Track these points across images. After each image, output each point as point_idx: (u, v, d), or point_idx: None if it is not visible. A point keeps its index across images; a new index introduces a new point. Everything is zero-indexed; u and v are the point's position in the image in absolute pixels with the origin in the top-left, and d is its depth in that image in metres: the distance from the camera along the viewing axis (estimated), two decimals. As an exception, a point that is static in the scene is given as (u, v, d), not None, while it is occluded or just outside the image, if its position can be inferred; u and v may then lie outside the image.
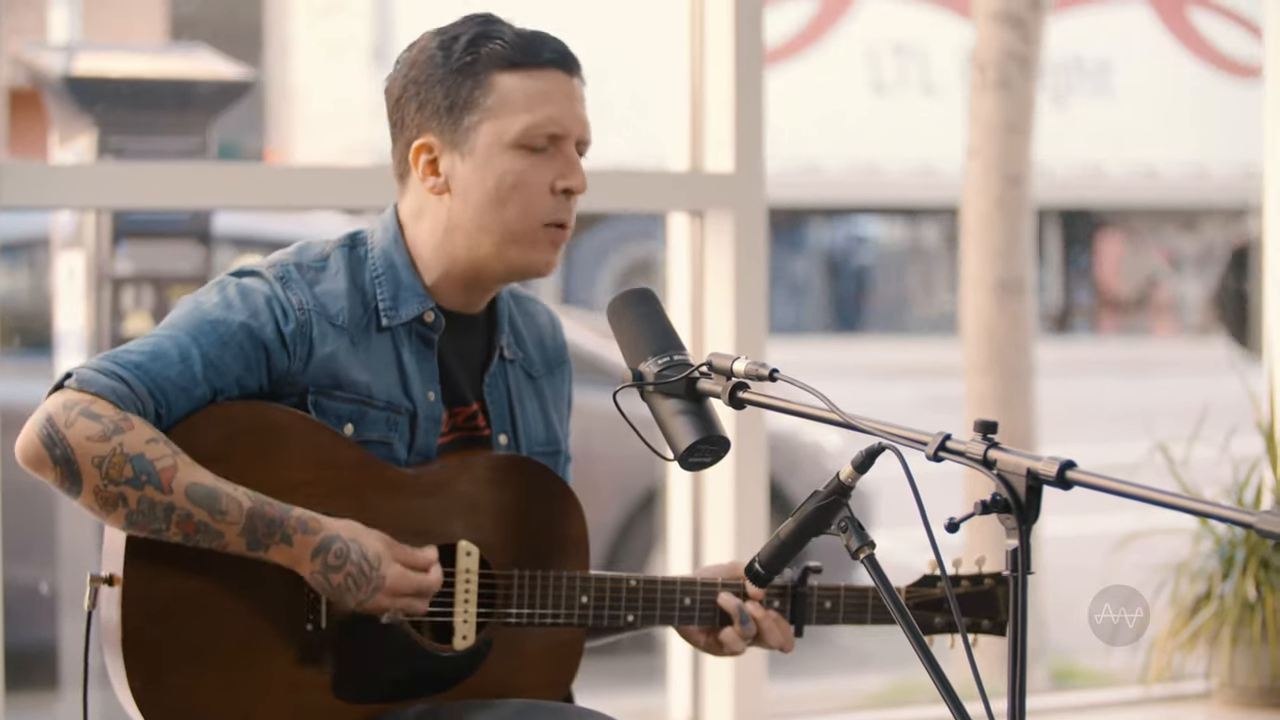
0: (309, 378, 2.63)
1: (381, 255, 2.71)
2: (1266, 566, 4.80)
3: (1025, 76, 6.02)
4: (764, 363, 2.47)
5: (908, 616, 2.33)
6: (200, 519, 2.50)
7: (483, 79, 2.63)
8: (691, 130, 4.53)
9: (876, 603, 2.85)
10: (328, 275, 2.68)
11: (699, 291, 4.51)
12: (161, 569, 2.54)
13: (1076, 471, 2.20)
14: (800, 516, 2.48)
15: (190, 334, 2.58)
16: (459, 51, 2.64)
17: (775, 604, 2.82)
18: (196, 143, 5.08)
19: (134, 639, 2.53)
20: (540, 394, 2.86)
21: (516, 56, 2.64)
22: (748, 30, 4.44)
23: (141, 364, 2.54)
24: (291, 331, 2.61)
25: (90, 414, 2.48)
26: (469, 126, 2.64)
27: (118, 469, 2.47)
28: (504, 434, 2.78)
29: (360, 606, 2.58)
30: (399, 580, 2.59)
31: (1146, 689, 4.94)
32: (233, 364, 2.58)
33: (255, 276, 2.66)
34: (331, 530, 2.56)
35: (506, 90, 2.63)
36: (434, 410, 2.71)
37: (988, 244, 5.99)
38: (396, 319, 2.69)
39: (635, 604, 2.77)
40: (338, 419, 2.64)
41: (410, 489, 2.67)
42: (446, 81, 2.64)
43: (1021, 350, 6.02)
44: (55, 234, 5.29)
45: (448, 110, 2.64)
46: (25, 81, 5.48)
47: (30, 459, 2.50)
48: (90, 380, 2.50)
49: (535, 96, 2.64)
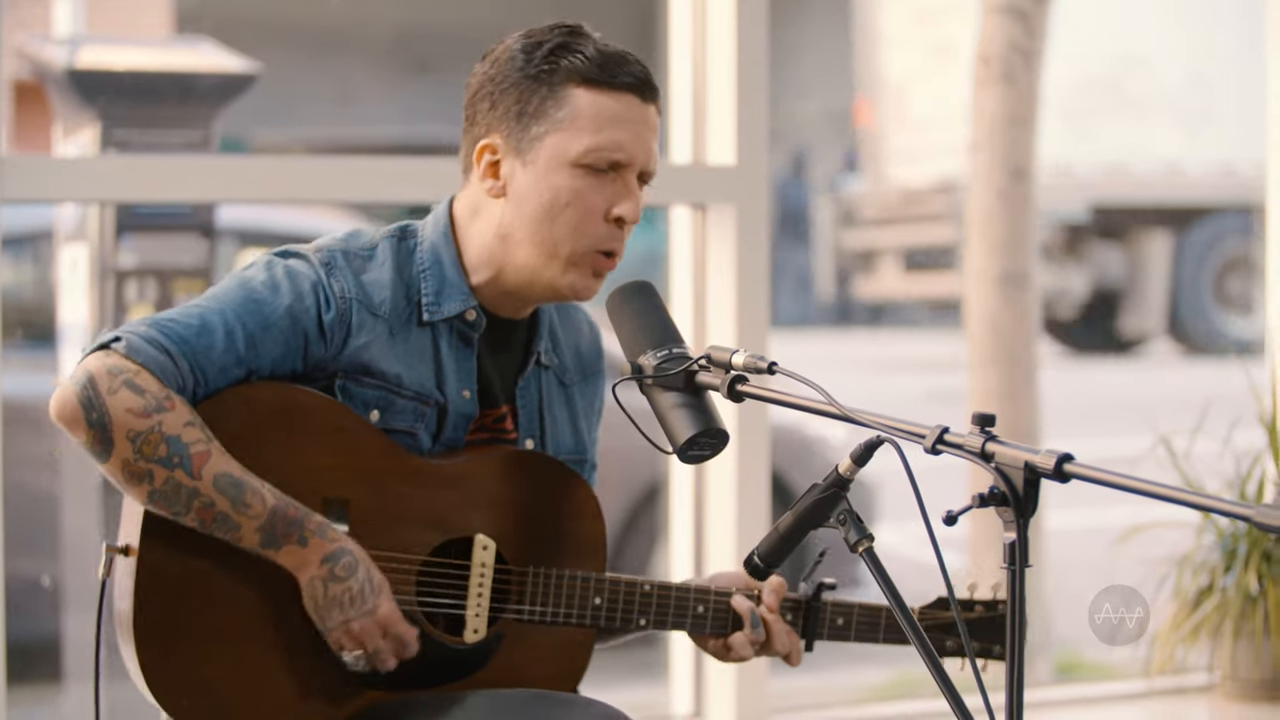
0: (340, 364, 2.63)
1: (430, 250, 2.71)
2: (1268, 559, 4.80)
3: (1029, 70, 6.02)
4: (763, 355, 2.47)
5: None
6: (222, 509, 2.50)
7: (557, 90, 2.61)
8: (694, 123, 4.53)
9: (890, 622, 2.84)
10: (374, 264, 2.68)
11: (701, 285, 4.51)
12: (177, 545, 2.55)
13: (1074, 464, 2.20)
14: (799, 509, 2.48)
15: (236, 311, 2.58)
16: (539, 58, 2.62)
17: (788, 617, 2.82)
18: (200, 136, 5.07)
19: (145, 613, 2.54)
20: (571, 402, 2.86)
21: (594, 73, 2.61)
22: (750, 22, 4.44)
23: (188, 339, 2.53)
24: (331, 320, 2.62)
25: (134, 386, 2.48)
26: (535, 135, 2.62)
27: (152, 447, 2.48)
28: (531, 439, 2.78)
29: (343, 626, 2.57)
30: (392, 616, 2.59)
31: (1149, 682, 4.94)
32: (273, 346, 2.59)
33: (302, 260, 2.66)
34: (347, 544, 2.57)
35: (578, 106, 2.61)
36: (468, 408, 2.70)
37: (991, 237, 5.99)
38: (438, 314, 2.68)
39: (648, 609, 2.77)
40: (364, 405, 2.64)
41: (431, 479, 2.67)
42: (521, 86, 2.62)
43: (1026, 343, 6.01)
44: (59, 227, 5.28)
45: (518, 115, 2.62)
46: (29, 75, 5.48)
47: (66, 416, 2.49)
48: (139, 349, 2.50)
49: (605, 118, 2.62)
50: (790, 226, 19.73)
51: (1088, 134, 14.66)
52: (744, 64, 4.43)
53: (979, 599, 2.90)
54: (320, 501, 2.60)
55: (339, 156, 4.47)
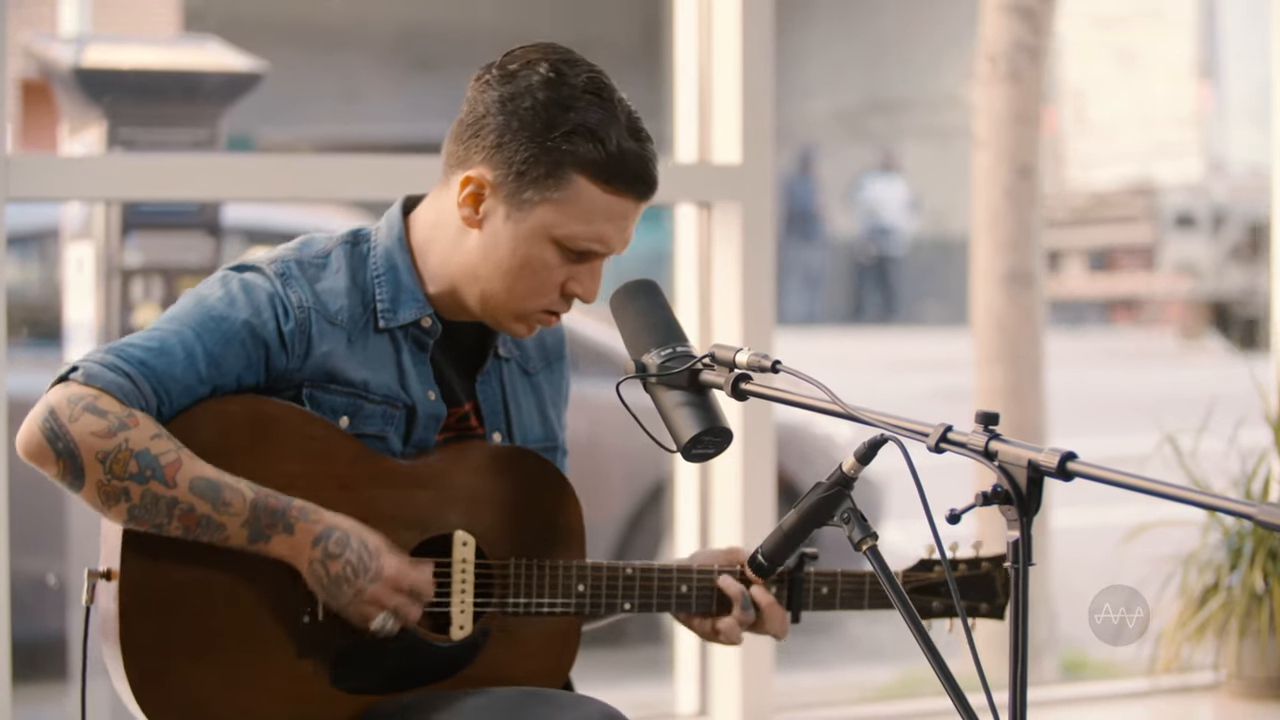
0: (305, 374, 2.64)
1: (384, 255, 2.71)
2: (1274, 558, 4.80)
3: (1035, 67, 6.02)
4: (767, 354, 2.47)
5: (909, 605, 2.34)
6: (203, 512, 2.51)
7: (564, 172, 2.60)
8: (699, 122, 4.53)
9: (874, 588, 2.86)
10: (329, 272, 2.69)
11: (706, 283, 4.51)
12: (158, 562, 2.55)
13: (1077, 463, 2.20)
14: (803, 508, 2.49)
15: (194, 330, 2.58)
16: (560, 132, 2.59)
17: (772, 590, 2.83)
18: (206, 135, 5.08)
19: (131, 632, 2.54)
20: (537, 389, 2.86)
21: (605, 174, 2.60)
22: (756, 21, 4.44)
23: (146, 360, 2.54)
24: (291, 330, 2.62)
25: (95, 409, 2.48)
26: (528, 199, 2.61)
27: (122, 465, 2.48)
28: (498, 432, 2.79)
29: (357, 598, 2.58)
30: (397, 572, 2.60)
31: (1155, 680, 4.94)
32: (234, 362, 2.59)
33: (257, 273, 2.66)
34: (332, 521, 2.57)
35: (578, 194, 2.61)
36: (436, 409, 2.72)
37: (997, 235, 5.98)
38: (394, 321, 2.69)
39: (632, 592, 2.78)
40: (333, 412, 2.65)
41: (406, 480, 2.68)
42: (532, 147, 2.60)
43: (1032, 341, 6.01)
44: (65, 226, 5.29)
45: (518, 173, 2.61)
46: (35, 73, 5.48)
47: (32, 452, 2.50)
48: (96, 375, 2.51)
49: (599, 214, 2.62)
50: (798, 225, 19.74)
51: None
52: (749, 63, 4.43)
53: (960, 558, 2.92)
54: None
55: (344, 155, 4.47)
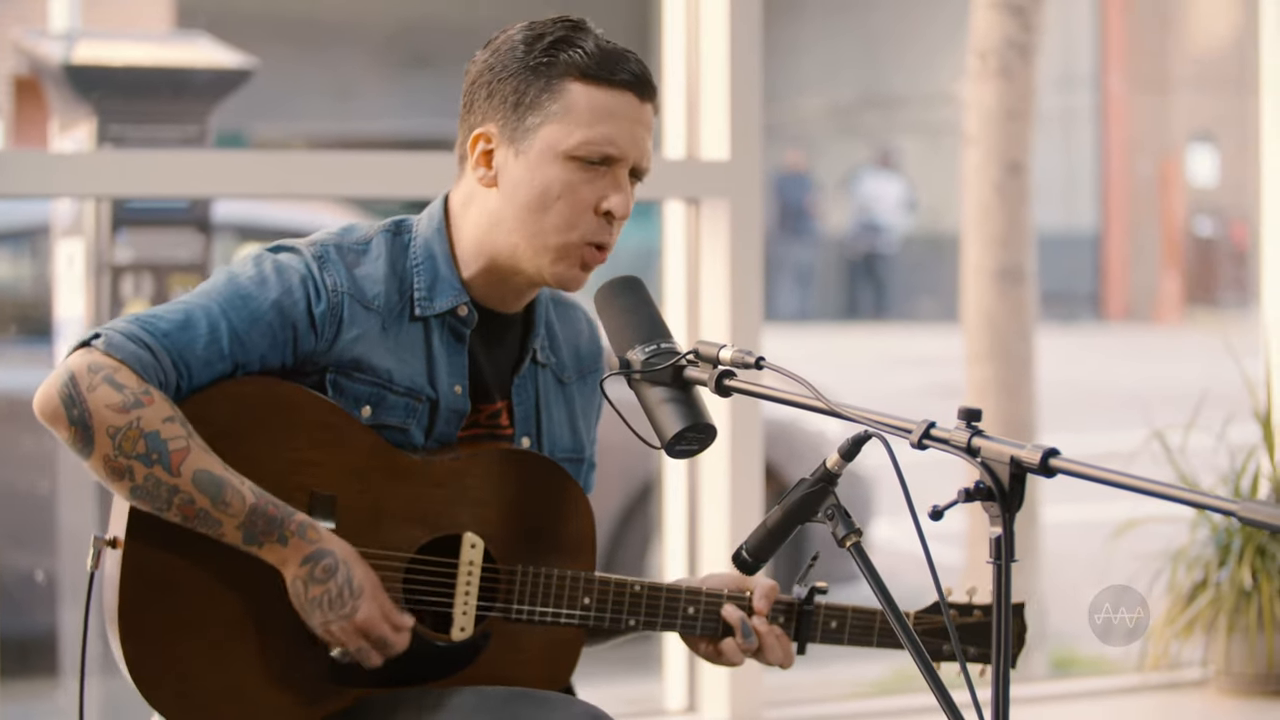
0: (332, 358, 2.63)
1: (423, 244, 2.71)
2: (1262, 554, 4.81)
3: (1025, 64, 6.02)
4: (750, 350, 2.47)
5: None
6: (202, 506, 2.51)
7: (554, 83, 2.61)
8: (687, 118, 4.53)
9: (883, 626, 2.82)
10: (368, 259, 2.68)
11: (694, 279, 4.51)
12: (163, 538, 2.55)
13: (1059, 459, 2.20)
14: (787, 504, 2.48)
15: (221, 306, 2.58)
16: (539, 50, 2.62)
17: (780, 620, 2.81)
18: (196, 131, 5.08)
19: (129, 604, 2.54)
20: (570, 400, 2.85)
21: (592, 68, 2.61)
22: (744, 17, 4.44)
23: (170, 333, 2.54)
24: (322, 312, 2.62)
25: (113, 381, 2.48)
26: (530, 126, 2.62)
27: (131, 443, 2.48)
28: (527, 436, 2.78)
29: (324, 628, 2.57)
30: (370, 621, 2.58)
31: (1144, 676, 4.94)
32: (259, 341, 2.59)
33: (293, 253, 2.65)
34: (328, 545, 2.57)
35: (574, 99, 2.61)
36: (459, 404, 2.70)
37: (988, 232, 5.99)
38: (430, 309, 2.68)
39: (638, 610, 2.76)
40: (355, 400, 2.64)
41: (420, 477, 2.66)
42: (519, 77, 2.62)
43: (1022, 338, 6.02)
44: (55, 222, 5.29)
45: (514, 106, 2.62)
46: (26, 69, 5.49)
47: (47, 414, 2.50)
48: (119, 345, 2.50)
49: (600, 113, 2.62)
50: (790, 222, 19.76)
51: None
52: (737, 59, 4.43)
53: (978, 604, 2.87)
54: (307, 497, 2.60)
55: (334, 151, 4.47)
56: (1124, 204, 21.94)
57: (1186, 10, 22.74)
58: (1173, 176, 21.82)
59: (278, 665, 2.60)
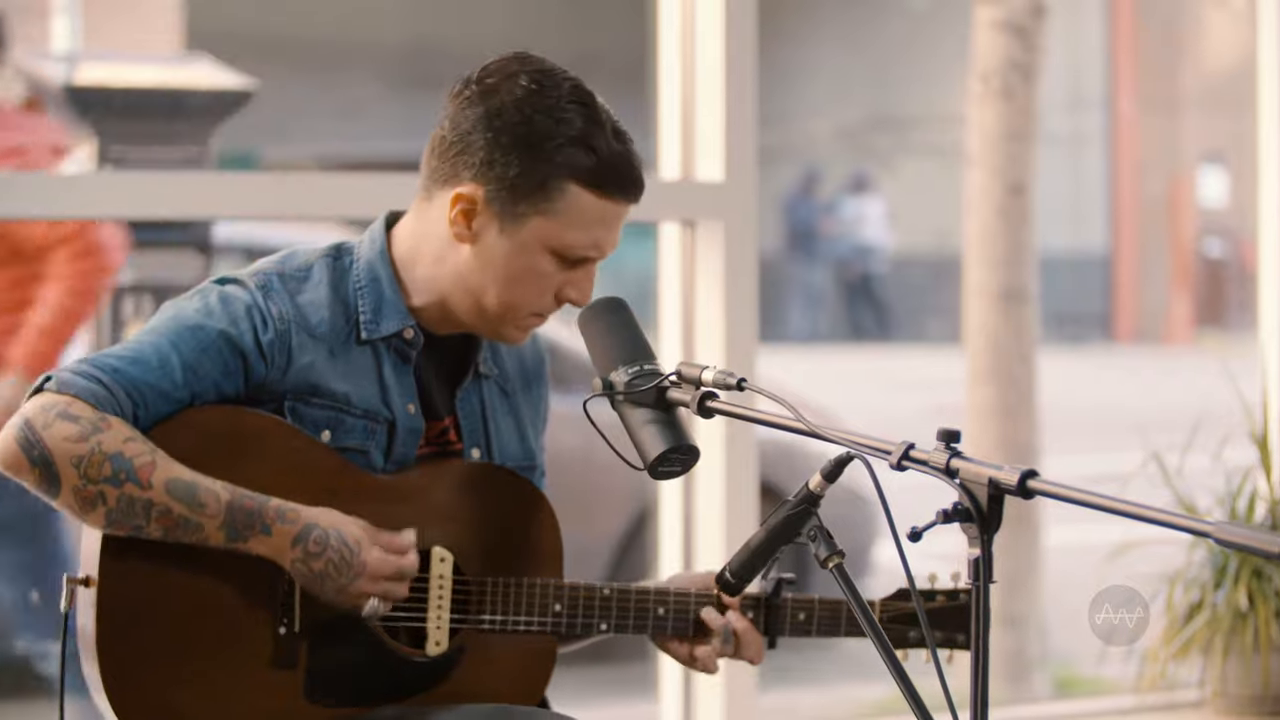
0: (287, 385, 2.65)
1: (366, 267, 2.73)
2: (1259, 576, 4.80)
3: (1028, 85, 6.03)
4: (732, 372, 2.49)
5: (877, 629, 2.35)
6: (180, 513, 2.52)
7: (554, 179, 2.60)
8: (682, 140, 4.53)
9: (851, 615, 2.85)
10: (310, 285, 2.70)
11: (689, 302, 4.51)
12: (136, 571, 2.56)
13: (1037, 481, 2.21)
14: (769, 525, 2.50)
15: (170, 339, 2.60)
16: (551, 141, 2.60)
17: (749, 615, 2.83)
18: (197, 152, 5.11)
19: (108, 639, 2.56)
20: (515, 410, 2.87)
21: (598, 181, 2.61)
22: (739, 39, 4.45)
23: (120, 368, 2.56)
24: (270, 340, 2.63)
25: (68, 415, 2.51)
26: (522, 213, 2.62)
27: (96, 468, 2.50)
28: (477, 448, 2.80)
29: (342, 594, 2.60)
30: (379, 564, 2.61)
31: (1140, 698, 4.94)
32: (211, 370, 2.60)
33: (237, 285, 2.68)
34: (310, 518, 2.59)
35: (572, 203, 2.62)
36: (414, 422, 2.72)
37: (990, 253, 6.00)
38: (376, 332, 2.70)
39: (609, 613, 2.78)
40: (315, 426, 2.66)
41: (385, 496, 2.68)
42: (520, 156, 2.61)
43: (1024, 360, 6.03)
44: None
45: (510, 186, 2.61)
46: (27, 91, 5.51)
47: (8, 462, 2.52)
48: (68, 383, 2.53)
49: (594, 221, 2.64)
50: (800, 243, 19.76)
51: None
52: (732, 80, 4.43)
53: (939, 589, 2.91)
54: None
55: (335, 173, 4.48)
56: (1134, 225, 21.91)
57: (1197, 32, 22.73)
58: (1183, 198, 21.79)
59: (257, 691, 2.62)
